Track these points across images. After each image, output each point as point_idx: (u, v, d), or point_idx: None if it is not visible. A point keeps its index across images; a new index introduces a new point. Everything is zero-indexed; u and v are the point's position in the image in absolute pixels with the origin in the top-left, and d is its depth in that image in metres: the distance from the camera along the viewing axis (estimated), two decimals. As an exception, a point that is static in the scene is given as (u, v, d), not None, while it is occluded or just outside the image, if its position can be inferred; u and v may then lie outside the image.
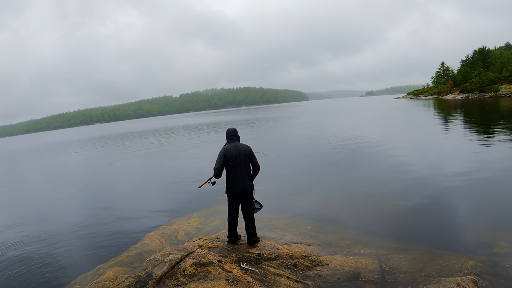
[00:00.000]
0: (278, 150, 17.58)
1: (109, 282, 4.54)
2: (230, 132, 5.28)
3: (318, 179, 10.48)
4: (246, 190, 5.07)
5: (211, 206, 8.72)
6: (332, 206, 7.82)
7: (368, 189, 8.84)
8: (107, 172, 17.29)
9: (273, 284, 4.22)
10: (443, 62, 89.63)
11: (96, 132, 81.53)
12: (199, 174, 13.20)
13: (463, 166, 10.19)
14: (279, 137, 24.99)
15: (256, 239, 5.27)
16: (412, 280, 4.23)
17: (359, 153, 14.16)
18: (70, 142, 50.47)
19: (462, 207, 7.06)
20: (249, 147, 5.22)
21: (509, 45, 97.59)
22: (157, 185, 12.63)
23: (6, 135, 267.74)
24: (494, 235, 5.48)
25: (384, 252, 5.12)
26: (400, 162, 11.62)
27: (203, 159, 17.16)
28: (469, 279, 4.04)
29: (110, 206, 10.11)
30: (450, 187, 8.38)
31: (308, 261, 4.78)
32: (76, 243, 7.28)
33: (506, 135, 14.81)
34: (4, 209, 11.81)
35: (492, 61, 71.81)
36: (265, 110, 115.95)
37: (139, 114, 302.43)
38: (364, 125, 28.25)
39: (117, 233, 7.58)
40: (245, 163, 5.07)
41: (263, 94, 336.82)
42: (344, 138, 19.09)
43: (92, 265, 5.89)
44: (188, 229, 6.99)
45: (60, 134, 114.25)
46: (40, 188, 15.14)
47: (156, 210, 9.08)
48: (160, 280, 4.36)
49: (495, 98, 50.52)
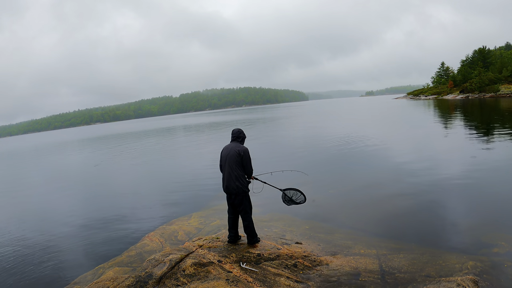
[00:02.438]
0: (278, 150, 17.59)
1: (109, 282, 4.54)
2: (232, 133, 5.47)
3: (318, 179, 10.47)
4: (230, 188, 5.12)
5: (211, 206, 8.72)
6: (332, 206, 7.82)
7: (368, 189, 8.84)
8: (107, 172, 17.29)
9: (273, 284, 4.22)
10: (443, 62, 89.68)
11: (96, 132, 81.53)
12: (199, 174, 13.21)
13: (463, 166, 10.19)
14: (279, 137, 24.98)
15: (256, 239, 5.29)
16: (412, 280, 4.23)
17: (359, 153, 14.15)
18: (70, 142, 50.49)
19: (462, 207, 7.06)
20: (244, 149, 5.23)
21: (509, 45, 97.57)
22: (157, 185, 12.64)
23: (6, 135, 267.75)
24: (494, 235, 5.48)
25: (384, 252, 5.12)
26: (400, 162, 11.62)
27: (203, 159, 17.16)
28: (469, 279, 4.04)
29: (110, 206, 10.10)
30: (450, 187, 8.38)
31: (308, 261, 4.78)
32: (76, 243, 7.28)
33: (506, 135, 14.81)
34: (4, 209, 11.80)
35: (492, 61, 71.79)
36: (266, 110, 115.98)
37: (139, 114, 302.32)
38: (365, 125, 28.24)
39: (117, 233, 7.58)
40: (231, 164, 5.13)
41: (263, 94, 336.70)
42: (344, 138, 19.08)
43: (92, 265, 5.89)
44: (188, 229, 6.99)
45: (60, 134, 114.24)
46: (39, 188, 15.13)
47: (156, 210, 9.08)
48: (160, 280, 4.36)
49: (495, 98, 50.52)
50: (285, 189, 5.71)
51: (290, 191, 5.67)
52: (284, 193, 5.69)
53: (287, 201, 5.72)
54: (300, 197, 5.62)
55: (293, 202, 5.67)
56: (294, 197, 5.65)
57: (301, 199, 5.62)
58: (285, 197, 5.69)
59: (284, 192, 5.70)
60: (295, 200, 5.64)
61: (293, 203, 5.69)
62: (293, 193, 5.65)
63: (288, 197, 5.66)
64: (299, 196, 5.62)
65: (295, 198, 5.64)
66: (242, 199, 5.18)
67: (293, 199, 5.66)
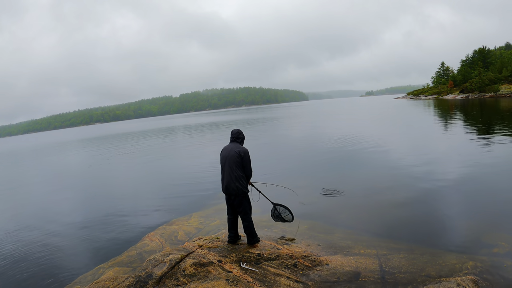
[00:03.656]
0: (277, 150, 17.58)
1: (109, 282, 4.54)
2: (231, 133, 5.48)
3: (318, 179, 10.47)
4: (230, 189, 5.12)
5: (211, 206, 8.72)
6: (332, 206, 7.81)
7: (368, 189, 8.83)
8: (107, 172, 17.30)
9: (273, 284, 4.22)
10: (443, 62, 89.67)
11: (96, 132, 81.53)
12: (199, 173, 13.21)
13: (463, 166, 10.19)
14: (278, 137, 24.98)
15: (256, 239, 5.29)
16: (412, 280, 4.23)
17: (359, 153, 14.15)
18: (70, 142, 50.48)
19: (462, 207, 7.06)
20: (245, 150, 5.25)
21: (509, 45, 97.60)
22: (157, 185, 12.63)
23: (6, 135, 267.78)
24: (494, 235, 5.48)
25: (384, 252, 5.12)
26: (400, 162, 11.62)
27: (203, 159, 17.17)
28: (469, 279, 4.04)
29: (110, 206, 10.10)
30: (450, 187, 8.38)
31: (308, 261, 4.78)
32: (76, 243, 7.28)
33: (506, 135, 14.80)
34: (4, 209, 11.80)
35: (492, 61, 71.81)
36: (266, 110, 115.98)
37: (139, 114, 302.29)
38: (365, 125, 28.23)
39: (117, 233, 7.58)
40: (231, 164, 5.14)
41: (263, 94, 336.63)
42: (344, 138, 19.08)
43: (92, 265, 5.89)
44: (188, 229, 6.99)
45: (60, 134, 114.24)
46: (39, 188, 15.13)
47: (156, 210, 9.07)
48: (160, 280, 4.36)
49: (495, 98, 50.51)
50: (277, 204, 5.82)
51: (281, 207, 5.78)
52: (275, 207, 5.80)
53: (276, 216, 5.85)
54: (288, 216, 5.75)
55: (280, 218, 5.81)
56: (283, 214, 5.77)
57: (289, 218, 5.76)
58: (275, 211, 5.81)
59: (275, 206, 5.81)
60: (283, 217, 5.78)
61: (280, 219, 5.82)
62: (282, 210, 5.77)
63: (277, 212, 5.78)
64: (287, 215, 5.75)
65: (284, 215, 5.77)
66: (241, 200, 5.18)
67: (281, 216, 5.78)
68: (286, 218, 5.75)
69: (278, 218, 5.83)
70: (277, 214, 5.80)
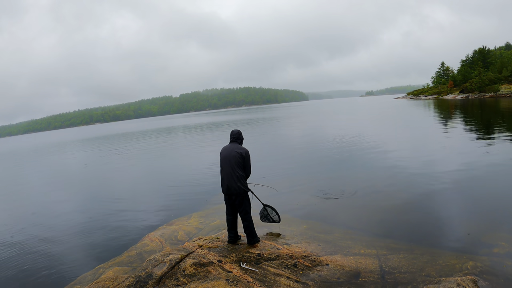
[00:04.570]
0: (277, 150, 17.58)
1: (109, 282, 4.54)
2: (231, 134, 5.48)
3: (318, 179, 10.47)
4: (231, 188, 5.12)
5: (211, 206, 8.72)
6: (332, 206, 7.81)
7: (368, 189, 8.83)
8: (107, 172, 17.29)
9: (273, 284, 4.22)
10: (443, 62, 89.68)
11: (97, 132, 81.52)
12: (199, 173, 13.21)
13: (463, 166, 10.18)
14: (277, 137, 24.98)
15: (256, 239, 5.29)
16: (412, 280, 4.23)
17: (359, 153, 14.15)
18: (70, 142, 50.48)
19: (462, 207, 7.06)
20: (246, 150, 5.28)
21: (509, 45, 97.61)
22: (157, 185, 12.64)
23: (6, 135, 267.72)
24: (494, 235, 5.48)
25: (384, 252, 5.12)
26: (400, 162, 11.61)
27: (203, 158, 17.16)
28: (469, 279, 4.04)
29: (110, 206, 10.09)
30: (451, 187, 8.38)
31: (308, 261, 4.78)
32: (76, 243, 7.28)
33: (506, 135, 14.80)
34: (3, 209, 11.80)
35: (492, 61, 71.81)
36: (266, 110, 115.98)
37: (139, 114, 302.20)
38: (366, 125, 28.24)
39: (117, 233, 7.58)
40: (232, 165, 5.15)
41: (263, 94, 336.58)
42: (344, 138, 19.09)
43: (92, 265, 5.89)
44: (188, 229, 6.99)
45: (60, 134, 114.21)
46: (39, 188, 15.13)
47: (156, 210, 9.07)
48: (160, 280, 4.36)
49: (495, 98, 50.52)
50: (266, 205, 5.98)
51: (269, 208, 5.95)
52: (265, 208, 5.95)
53: (264, 217, 6.00)
54: (275, 216, 5.94)
55: (268, 218, 5.97)
56: (271, 214, 5.94)
57: (276, 218, 5.94)
58: (264, 211, 5.95)
59: (265, 207, 5.95)
60: (271, 217, 5.94)
61: (267, 220, 5.99)
62: (270, 210, 5.94)
63: (266, 212, 5.93)
64: (275, 216, 5.93)
65: (272, 215, 5.94)
66: (242, 200, 5.18)
67: (269, 216, 5.94)
68: (273, 218, 5.93)
69: (265, 219, 6.00)
70: (266, 213, 5.94)
